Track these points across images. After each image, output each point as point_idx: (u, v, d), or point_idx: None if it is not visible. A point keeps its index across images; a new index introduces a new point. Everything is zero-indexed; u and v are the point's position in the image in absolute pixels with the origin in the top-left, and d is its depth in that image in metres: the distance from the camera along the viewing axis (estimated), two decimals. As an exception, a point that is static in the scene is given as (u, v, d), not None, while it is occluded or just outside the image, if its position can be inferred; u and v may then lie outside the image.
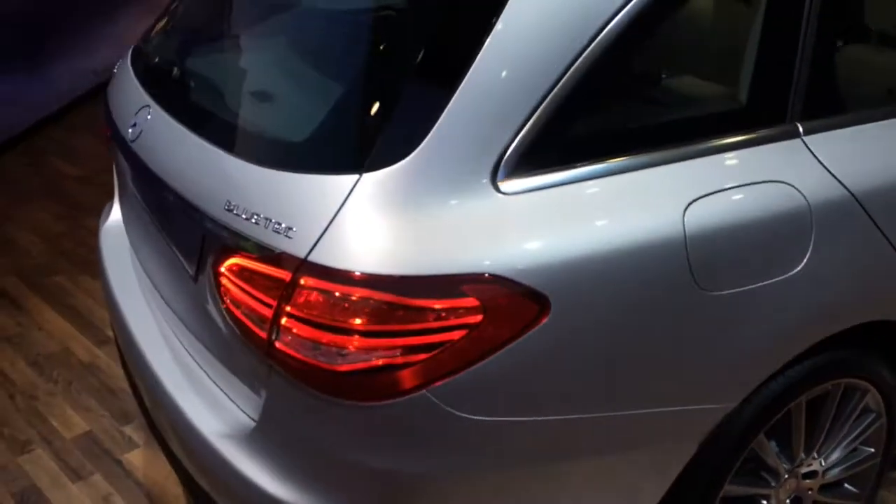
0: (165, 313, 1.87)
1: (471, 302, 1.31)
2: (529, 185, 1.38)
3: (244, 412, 1.59)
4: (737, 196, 1.50)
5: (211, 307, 1.59)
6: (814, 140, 1.60)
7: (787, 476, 1.83)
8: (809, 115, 1.61)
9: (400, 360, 1.32)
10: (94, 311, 3.21)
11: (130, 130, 1.84)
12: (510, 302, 1.33)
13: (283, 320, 1.38)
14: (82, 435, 2.56)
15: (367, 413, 1.36)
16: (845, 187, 1.59)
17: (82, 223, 3.78)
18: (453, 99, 1.35)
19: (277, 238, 1.38)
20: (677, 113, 1.59)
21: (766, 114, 1.58)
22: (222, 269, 1.49)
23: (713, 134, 1.53)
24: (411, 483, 1.41)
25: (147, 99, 1.84)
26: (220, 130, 1.61)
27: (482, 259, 1.32)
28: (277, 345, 1.39)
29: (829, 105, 1.67)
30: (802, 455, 1.84)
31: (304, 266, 1.34)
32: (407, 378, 1.32)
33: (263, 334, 1.41)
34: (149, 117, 1.80)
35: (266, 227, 1.40)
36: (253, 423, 1.55)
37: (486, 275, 1.31)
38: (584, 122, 1.42)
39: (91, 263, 3.54)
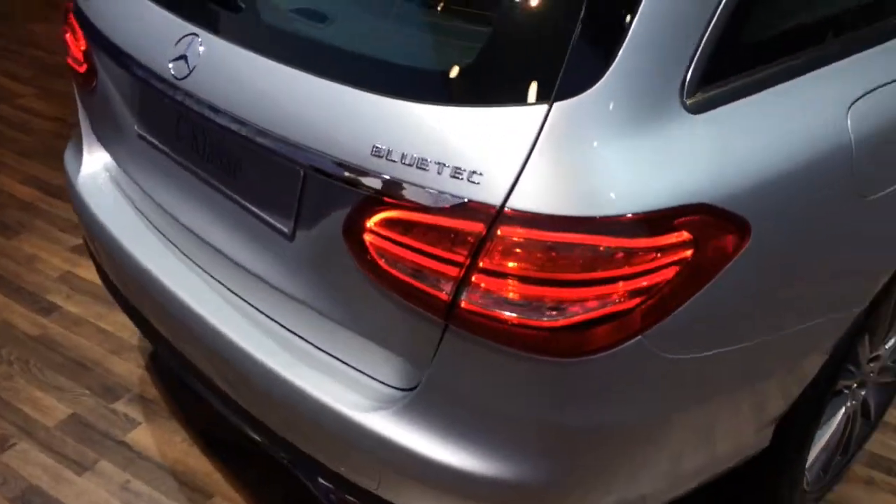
0: (230, 278, 1.62)
1: (683, 236, 1.21)
2: (713, 102, 1.28)
3: (383, 382, 1.43)
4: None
5: (335, 268, 1.39)
6: None
7: (867, 364, 1.92)
8: None
9: (618, 307, 1.20)
10: (22, 275, 2.79)
11: (172, 66, 1.53)
12: (718, 231, 1.24)
13: (475, 277, 1.22)
14: (67, 420, 2.24)
15: (573, 368, 1.23)
16: None
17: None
18: (636, 18, 1.20)
19: (457, 185, 1.20)
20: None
21: None
22: (369, 225, 1.29)
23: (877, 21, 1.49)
24: (611, 435, 1.32)
25: (188, 27, 1.53)
26: (348, 64, 1.35)
27: (690, 188, 1.21)
28: (465, 304, 1.23)
29: None
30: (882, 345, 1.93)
31: (501, 214, 1.18)
32: (625, 326, 1.21)
33: (444, 295, 1.24)
34: (201, 49, 1.50)
35: (439, 174, 1.21)
36: (402, 393, 1.39)
37: (696, 205, 1.21)
38: (754, 27, 1.33)
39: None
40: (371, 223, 1.29)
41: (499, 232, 1.18)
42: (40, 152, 3.58)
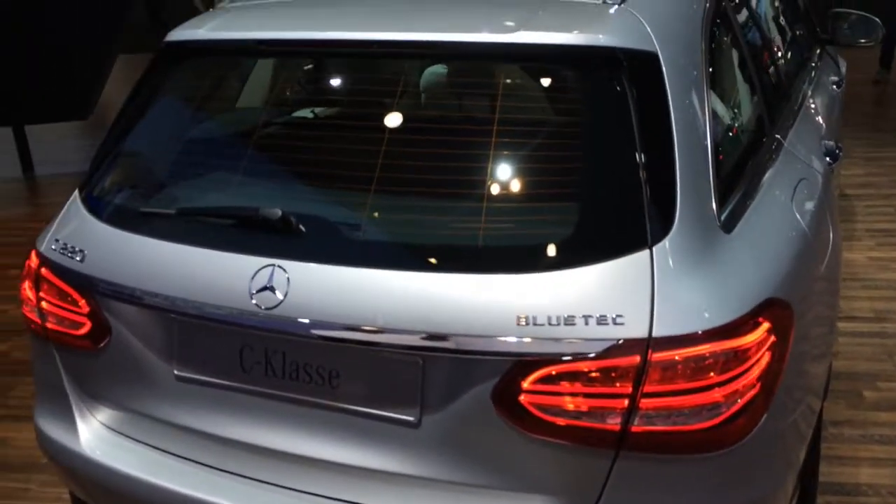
0: (335, 485, 1.65)
1: (766, 326, 1.54)
2: (733, 219, 1.66)
3: None
4: None
5: (478, 436, 1.52)
6: None
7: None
8: None
9: (750, 395, 1.48)
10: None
11: (255, 299, 1.59)
12: (782, 316, 1.59)
13: (641, 402, 1.43)
14: None
15: (729, 457, 1.48)
16: None
17: None
18: (678, 178, 1.55)
19: (606, 330, 1.43)
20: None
21: None
22: (525, 386, 1.46)
23: None
24: (765, 501, 1.59)
25: (261, 260, 1.61)
26: (465, 254, 1.55)
27: (757, 290, 1.56)
28: (634, 429, 1.44)
29: None
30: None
31: (651, 343, 1.42)
32: (757, 409, 1.50)
33: (614, 426, 1.44)
34: (288, 276, 1.58)
35: (587, 324, 1.43)
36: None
37: (766, 300, 1.55)
38: (725, 158, 1.78)
39: None
40: (527, 384, 1.47)
41: (652, 358, 1.43)
42: None
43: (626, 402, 1.44)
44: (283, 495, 1.71)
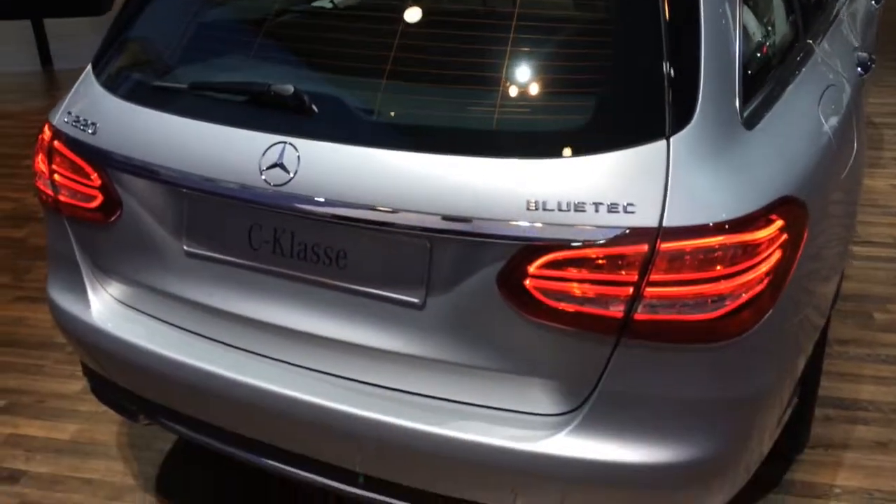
0: (336, 362, 1.68)
1: (779, 224, 1.52)
2: (755, 117, 1.62)
3: (533, 413, 1.57)
4: None
5: (481, 320, 1.53)
6: None
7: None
8: None
9: (756, 290, 1.47)
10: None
11: (266, 175, 1.58)
12: (797, 214, 1.57)
13: (645, 291, 1.43)
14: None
15: (731, 348, 1.49)
16: None
17: None
18: (702, 66, 1.51)
19: (616, 218, 1.42)
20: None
21: None
22: (531, 271, 1.46)
23: None
24: (760, 398, 1.60)
25: (273, 137, 1.60)
26: (478, 138, 1.52)
27: (773, 187, 1.54)
28: (637, 317, 1.44)
29: None
30: None
31: (661, 233, 1.41)
32: (762, 304, 1.49)
33: (617, 313, 1.44)
34: (298, 154, 1.57)
35: (597, 212, 1.42)
36: (561, 416, 1.55)
37: (781, 198, 1.53)
38: (754, 54, 1.74)
39: None
40: (533, 269, 1.46)
41: (661, 248, 1.42)
42: None
43: (631, 290, 1.44)
44: (285, 370, 1.74)
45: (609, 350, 1.49)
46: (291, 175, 1.58)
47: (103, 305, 1.96)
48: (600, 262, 1.44)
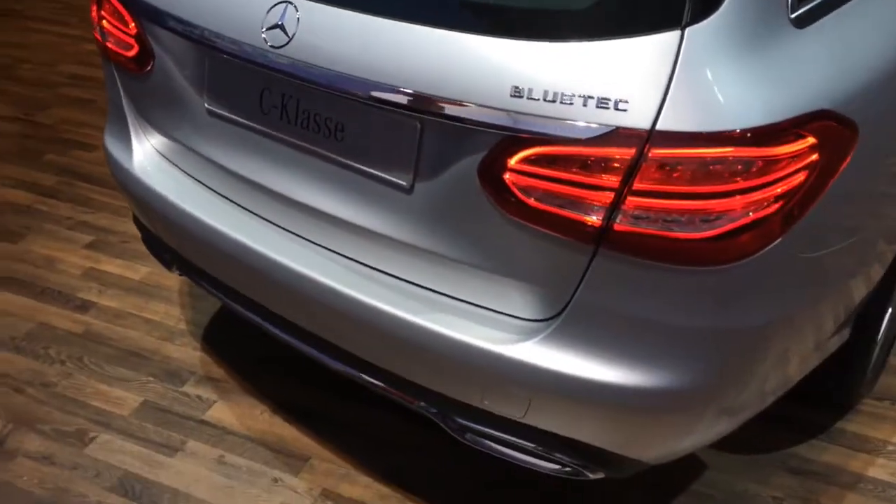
0: (334, 238, 1.67)
1: (810, 141, 1.32)
2: (813, 15, 1.40)
3: (516, 316, 1.50)
4: None
5: (463, 212, 1.46)
6: None
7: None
8: None
9: (762, 213, 1.31)
10: (44, 277, 2.73)
11: (266, 35, 1.55)
12: (836, 134, 1.36)
13: (628, 200, 1.30)
14: (141, 408, 2.24)
15: (723, 274, 1.34)
16: None
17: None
18: None
19: (604, 114, 1.28)
20: None
21: None
22: (511, 164, 1.36)
23: None
24: (757, 334, 1.44)
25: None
26: (469, 12, 1.42)
27: (810, 97, 1.33)
28: (617, 227, 1.32)
29: None
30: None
31: (652, 137, 1.26)
32: (768, 231, 1.33)
33: (596, 221, 1.33)
34: (298, 15, 1.52)
35: (585, 106, 1.29)
36: (540, 322, 1.47)
37: (818, 111, 1.33)
38: None
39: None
40: (513, 162, 1.36)
41: (650, 154, 1.27)
42: (15, 154, 3.47)
43: (612, 196, 1.31)
44: (280, 236, 1.75)
45: (587, 260, 1.38)
46: (289, 38, 1.53)
47: (144, 155, 2.02)
48: (582, 162, 1.31)
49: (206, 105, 1.80)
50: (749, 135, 1.27)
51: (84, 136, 3.62)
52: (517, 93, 1.33)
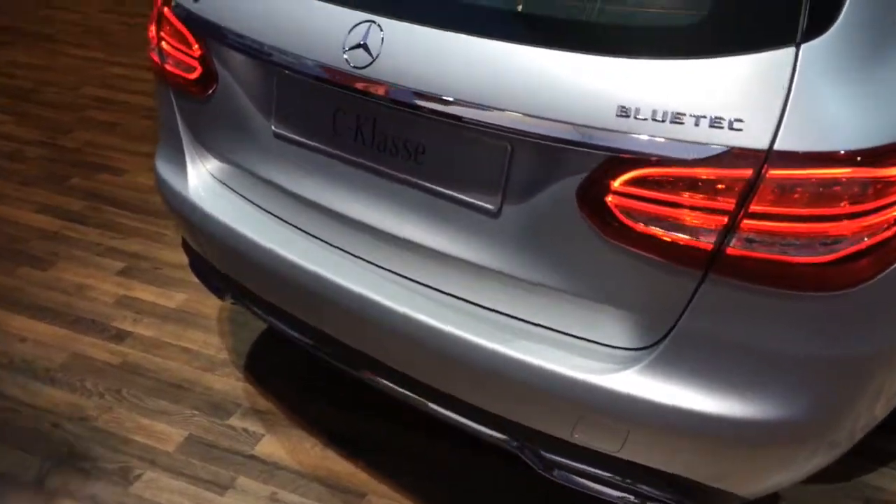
0: (411, 264, 1.60)
1: (926, 161, 1.27)
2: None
3: (607, 344, 1.44)
4: None
5: (558, 236, 1.39)
6: None
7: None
8: None
9: (881, 236, 1.25)
10: (76, 305, 2.65)
11: (348, 56, 1.49)
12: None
13: (743, 222, 1.24)
14: (186, 442, 2.15)
15: (840, 300, 1.28)
16: None
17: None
18: None
19: (718, 134, 1.23)
20: None
21: None
22: (615, 186, 1.30)
23: None
24: (871, 363, 1.38)
25: (361, 15, 1.49)
26: (570, 31, 1.36)
27: (925, 116, 1.28)
28: (730, 251, 1.26)
29: None
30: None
31: (770, 157, 1.21)
32: (886, 254, 1.26)
33: (707, 245, 1.27)
34: (383, 35, 1.47)
35: (697, 125, 1.23)
36: (639, 351, 1.41)
37: (933, 130, 1.28)
38: None
39: (21, 251, 2.90)
40: (616, 184, 1.30)
41: (768, 174, 1.22)
42: (42, 179, 3.40)
43: (727, 219, 1.25)
44: (351, 262, 1.68)
45: (694, 285, 1.31)
46: (373, 58, 1.48)
47: (199, 180, 1.96)
48: (694, 183, 1.25)
49: (273, 128, 1.74)
50: (869, 155, 1.22)
51: (109, 160, 3.56)
52: (623, 112, 1.27)
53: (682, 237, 1.28)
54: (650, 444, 1.44)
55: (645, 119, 1.26)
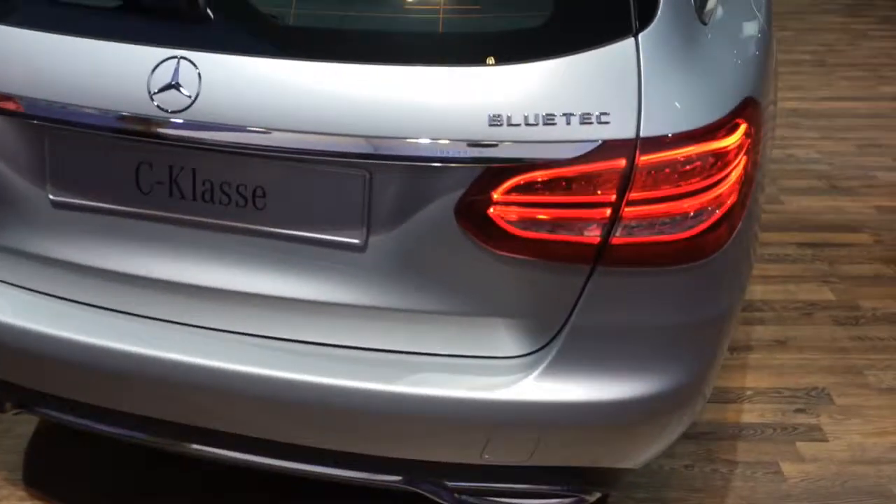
0: (269, 322, 1.43)
1: (745, 128, 1.40)
2: (705, 13, 1.48)
3: (499, 356, 1.41)
4: None
5: (434, 259, 1.34)
6: None
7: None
8: None
9: (732, 201, 1.35)
10: None
11: (158, 99, 1.27)
12: (755, 117, 1.46)
13: (624, 211, 1.27)
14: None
15: (710, 265, 1.36)
16: None
17: None
18: None
19: (589, 129, 1.24)
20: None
21: None
22: (496, 197, 1.26)
23: None
24: (732, 316, 1.50)
25: (164, 51, 1.28)
26: (419, 44, 1.28)
27: (739, 87, 1.41)
28: (614, 240, 1.29)
29: None
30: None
31: (640, 144, 1.25)
32: (735, 218, 1.37)
33: (593, 238, 1.29)
34: (199, 71, 1.27)
35: (569, 124, 1.24)
36: (529, 355, 1.39)
37: (746, 98, 1.41)
38: None
39: None
40: (497, 195, 1.27)
41: (640, 161, 1.26)
42: None
43: (609, 210, 1.28)
44: (191, 334, 1.47)
45: (583, 280, 1.33)
46: (192, 98, 1.29)
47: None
48: (575, 181, 1.27)
49: (49, 196, 1.44)
50: (709, 130, 1.31)
51: None
52: (496, 121, 1.24)
53: (569, 236, 1.29)
54: (560, 445, 1.45)
55: (518, 125, 1.24)
